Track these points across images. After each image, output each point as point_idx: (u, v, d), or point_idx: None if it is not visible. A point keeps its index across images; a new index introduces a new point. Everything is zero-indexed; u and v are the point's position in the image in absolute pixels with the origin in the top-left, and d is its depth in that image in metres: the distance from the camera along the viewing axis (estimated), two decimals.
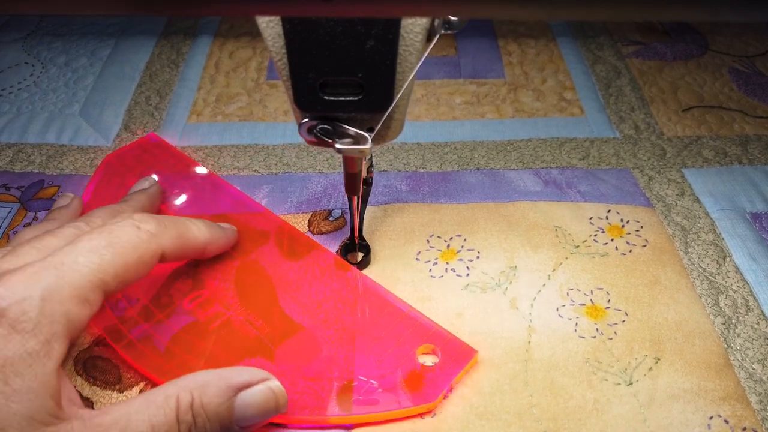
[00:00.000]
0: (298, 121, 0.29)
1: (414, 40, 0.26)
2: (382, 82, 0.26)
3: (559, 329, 0.35)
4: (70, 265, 0.26)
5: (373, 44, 0.25)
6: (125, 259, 0.28)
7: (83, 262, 0.26)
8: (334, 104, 0.27)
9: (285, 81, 0.27)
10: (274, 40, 0.26)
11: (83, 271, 0.26)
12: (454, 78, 0.54)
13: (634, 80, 0.54)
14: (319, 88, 0.26)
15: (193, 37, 0.59)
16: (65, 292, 0.25)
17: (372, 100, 0.27)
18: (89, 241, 0.27)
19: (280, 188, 0.44)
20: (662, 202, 0.42)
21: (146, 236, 0.29)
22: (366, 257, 0.38)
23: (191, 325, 0.35)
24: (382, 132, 0.30)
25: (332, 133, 0.29)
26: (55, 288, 0.25)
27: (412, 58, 0.27)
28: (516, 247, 0.39)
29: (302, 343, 0.34)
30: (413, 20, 0.25)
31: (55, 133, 0.48)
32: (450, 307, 0.36)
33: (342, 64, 0.25)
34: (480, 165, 0.45)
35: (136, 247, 0.29)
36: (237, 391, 0.28)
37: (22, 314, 0.24)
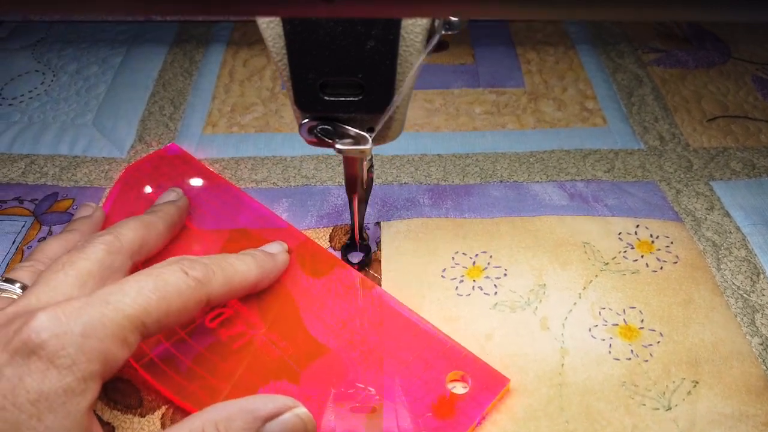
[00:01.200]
0: (298, 122, 0.29)
1: (414, 41, 0.26)
2: (383, 82, 0.26)
3: (592, 351, 0.34)
4: (115, 304, 0.25)
5: (374, 45, 0.25)
6: (169, 304, 0.27)
7: (128, 302, 0.25)
8: (334, 104, 0.27)
9: (285, 81, 0.27)
10: (275, 40, 0.26)
11: (126, 311, 0.25)
12: (473, 87, 0.53)
13: (656, 89, 0.53)
14: (319, 89, 0.26)
15: (205, 45, 0.58)
16: (107, 331, 0.24)
17: (372, 101, 0.27)
18: (136, 282, 0.26)
19: (299, 202, 0.43)
20: (691, 217, 0.41)
21: (193, 283, 0.28)
22: (366, 257, 0.38)
23: (214, 344, 0.34)
24: (382, 132, 0.30)
25: (332, 134, 0.29)
26: (97, 325, 0.24)
27: (413, 59, 0.27)
28: (544, 264, 0.38)
29: (328, 365, 0.33)
30: (413, 21, 0.25)
31: (68, 143, 0.47)
32: (479, 328, 0.35)
33: (342, 65, 0.25)
34: (503, 177, 0.44)
35: (182, 294, 0.28)
36: (264, 421, 0.27)
37: (61, 349, 0.23)
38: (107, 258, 0.30)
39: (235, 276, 0.31)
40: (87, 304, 0.24)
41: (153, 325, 0.26)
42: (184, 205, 0.39)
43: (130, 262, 0.32)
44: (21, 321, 0.24)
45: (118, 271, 0.31)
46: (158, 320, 0.26)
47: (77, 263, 0.29)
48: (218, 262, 0.31)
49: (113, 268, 0.30)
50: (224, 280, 0.30)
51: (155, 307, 0.26)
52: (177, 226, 0.38)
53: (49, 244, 0.34)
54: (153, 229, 0.34)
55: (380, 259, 0.39)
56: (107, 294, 0.26)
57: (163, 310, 0.26)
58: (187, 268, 0.28)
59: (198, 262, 0.30)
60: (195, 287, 0.28)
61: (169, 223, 0.36)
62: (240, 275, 0.32)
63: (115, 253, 0.31)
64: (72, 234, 0.36)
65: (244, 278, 0.32)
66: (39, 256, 0.33)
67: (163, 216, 0.36)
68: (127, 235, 0.32)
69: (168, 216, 0.36)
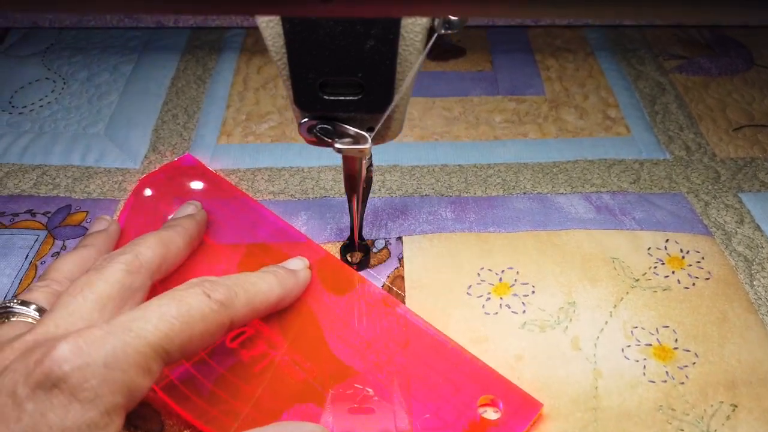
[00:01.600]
0: (297, 121, 0.29)
1: (414, 40, 0.26)
2: (382, 81, 0.26)
3: (626, 373, 0.33)
4: (138, 332, 0.24)
5: (373, 44, 0.24)
6: (192, 329, 0.26)
7: (150, 329, 0.24)
8: (333, 104, 0.27)
9: (285, 81, 0.27)
10: (274, 39, 0.26)
11: (149, 339, 0.24)
12: (492, 94, 0.52)
13: (679, 97, 0.52)
14: (319, 88, 0.26)
15: (218, 52, 0.56)
16: (130, 360, 0.23)
17: (372, 100, 0.27)
18: (158, 307, 0.25)
19: (318, 214, 0.42)
20: (721, 230, 0.40)
21: (216, 307, 0.27)
22: (365, 257, 0.38)
23: (235, 366, 0.33)
24: (381, 132, 0.30)
25: (332, 133, 0.29)
26: (120, 355, 0.23)
27: (412, 58, 0.26)
28: (573, 280, 0.37)
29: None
30: (413, 20, 0.25)
31: (80, 154, 0.46)
32: (508, 348, 0.34)
33: (342, 64, 0.25)
34: (526, 189, 0.43)
35: (205, 318, 0.27)
36: None
37: (84, 381, 0.22)
38: (127, 279, 0.29)
39: (257, 296, 0.30)
40: (109, 333, 0.23)
41: (176, 352, 0.25)
42: (202, 219, 0.38)
43: (149, 281, 0.31)
44: (41, 351, 0.23)
45: (137, 291, 0.30)
46: (181, 346, 0.25)
47: (96, 286, 0.28)
48: (240, 283, 0.30)
49: (133, 289, 0.29)
50: (247, 301, 0.29)
51: (178, 333, 0.25)
52: (196, 241, 0.37)
53: (63, 261, 0.33)
54: (172, 246, 0.33)
55: (403, 276, 0.38)
56: (129, 320, 0.24)
57: (186, 336, 0.25)
58: (209, 290, 0.27)
59: (220, 284, 0.28)
60: (218, 311, 0.27)
61: (188, 238, 0.35)
62: (262, 295, 0.31)
63: (134, 274, 0.30)
64: (87, 250, 0.35)
65: (267, 298, 0.31)
66: (54, 275, 0.32)
67: (182, 231, 0.35)
68: (146, 254, 0.31)
69: (187, 231, 0.35)
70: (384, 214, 0.42)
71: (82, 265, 0.33)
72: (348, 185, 0.33)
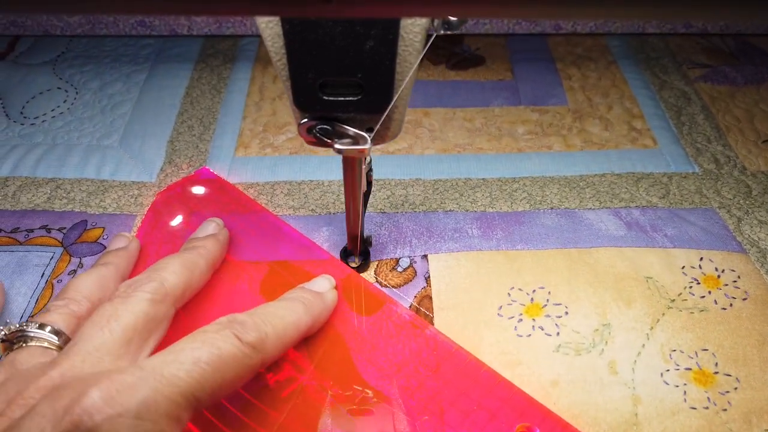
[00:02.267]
0: (297, 121, 0.28)
1: (413, 41, 0.25)
2: (382, 82, 0.26)
3: (667, 399, 0.32)
4: (170, 378, 0.23)
5: (373, 44, 0.24)
6: (224, 375, 0.25)
7: (183, 376, 0.23)
8: (333, 104, 0.26)
9: (284, 81, 0.27)
10: (274, 40, 0.25)
11: (181, 387, 0.23)
12: (514, 105, 0.51)
13: (706, 107, 0.51)
14: (318, 89, 0.26)
15: (232, 60, 0.55)
16: (161, 411, 0.22)
17: (371, 101, 0.26)
18: (192, 351, 0.24)
19: (340, 230, 0.41)
20: (756, 247, 0.39)
21: (248, 350, 0.26)
22: (365, 261, 0.38)
23: (262, 391, 0.32)
24: (381, 132, 0.29)
25: (331, 133, 0.28)
26: (151, 404, 0.22)
27: (412, 59, 0.26)
28: (607, 301, 0.36)
29: (385, 415, 0.31)
30: (413, 20, 0.25)
31: (94, 166, 0.45)
32: (543, 373, 0.33)
33: (341, 65, 0.25)
34: (554, 204, 0.42)
35: (238, 363, 0.26)
36: None
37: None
38: (152, 309, 0.28)
39: (287, 332, 0.29)
40: (141, 379, 0.22)
41: (206, 399, 0.24)
42: (224, 239, 0.37)
43: (173, 309, 0.30)
44: (71, 396, 0.22)
45: (162, 320, 0.29)
46: (212, 393, 0.24)
47: (122, 318, 0.26)
48: (269, 320, 0.29)
49: (158, 319, 0.28)
50: (277, 339, 0.28)
51: (210, 380, 0.24)
52: (218, 263, 0.36)
53: (82, 280, 0.32)
54: (196, 270, 0.32)
55: (431, 296, 0.37)
56: (162, 365, 0.23)
57: (218, 383, 0.24)
58: (240, 333, 0.26)
59: (250, 325, 0.27)
60: (250, 354, 0.26)
61: (211, 261, 0.34)
62: (292, 329, 0.30)
63: (159, 303, 0.29)
64: (107, 268, 0.34)
65: (297, 330, 0.30)
66: (72, 294, 0.31)
67: (206, 254, 0.34)
68: (171, 281, 0.30)
69: (210, 253, 0.34)
70: (408, 231, 0.41)
71: (101, 284, 0.32)
72: (348, 188, 0.33)
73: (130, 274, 0.36)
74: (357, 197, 0.33)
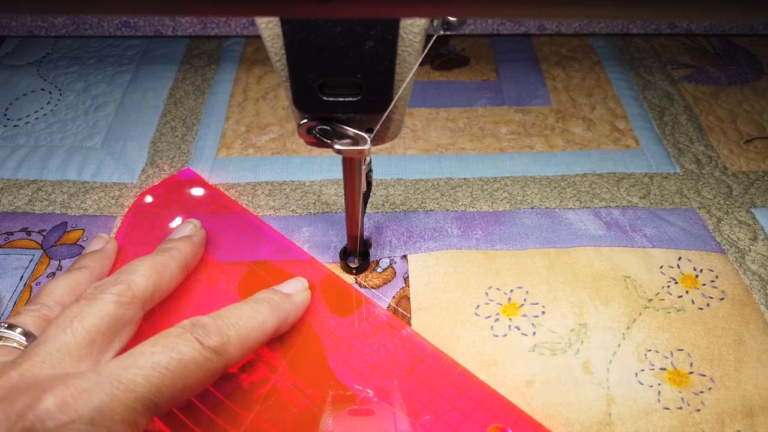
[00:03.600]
0: (296, 122, 0.28)
1: (413, 41, 0.25)
2: (381, 82, 0.26)
3: (640, 399, 0.32)
4: (127, 384, 0.23)
5: (372, 45, 0.24)
6: (184, 381, 0.25)
7: (141, 381, 0.23)
8: (333, 105, 0.26)
9: (284, 82, 0.27)
10: (273, 40, 0.25)
11: (139, 392, 0.23)
12: (497, 105, 0.51)
13: (689, 108, 0.51)
14: (318, 89, 0.26)
15: (217, 61, 0.55)
16: (117, 417, 0.22)
17: (371, 101, 0.26)
18: (151, 355, 0.24)
19: (321, 231, 0.41)
20: (735, 248, 0.39)
21: (210, 355, 0.26)
22: (365, 262, 0.38)
23: (235, 391, 0.32)
24: (381, 133, 0.29)
25: (331, 134, 0.28)
26: (106, 410, 0.22)
27: (411, 59, 0.26)
28: (584, 300, 0.36)
29: (358, 415, 0.31)
30: (412, 21, 0.25)
31: (76, 168, 0.45)
32: (518, 373, 0.33)
33: (341, 65, 0.25)
34: (534, 204, 0.42)
35: (199, 368, 0.26)
36: None
37: None
38: (118, 311, 0.28)
39: (251, 334, 0.29)
40: (97, 385, 0.22)
41: (165, 404, 0.24)
42: (200, 240, 0.37)
43: (141, 312, 0.30)
44: (24, 400, 0.22)
45: (129, 323, 0.29)
46: (172, 398, 0.24)
47: (86, 319, 0.26)
48: (233, 322, 0.29)
49: (124, 322, 0.28)
50: (240, 342, 0.28)
51: (169, 385, 0.24)
52: (192, 264, 0.36)
53: (55, 284, 0.32)
54: (166, 272, 0.32)
55: (409, 296, 0.37)
56: (120, 369, 0.23)
57: (178, 388, 0.24)
58: (202, 337, 0.26)
59: (213, 328, 0.27)
60: (212, 359, 0.26)
61: (184, 262, 0.34)
62: (256, 332, 0.30)
63: (126, 305, 0.29)
64: (81, 272, 0.34)
65: (262, 332, 0.30)
66: (45, 299, 0.31)
67: (177, 255, 0.34)
68: (139, 283, 0.30)
69: (182, 255, 0.34)
70: (388, 231, 0.41)
71: (75, 288, 0.32)
72: (347, 189, 0.33)
73: (106, 275, 0.36)
74: (356, 198, 0.33)
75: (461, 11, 0.17)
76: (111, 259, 0.36)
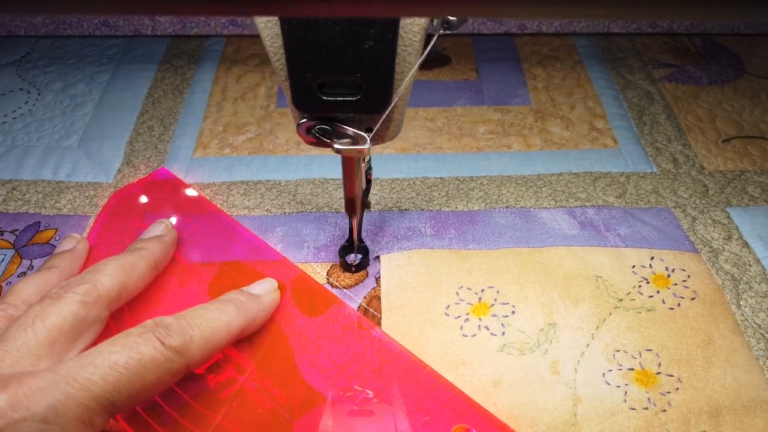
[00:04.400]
0: (296, 121, 0.29)
1: (413, 40, 0.25)
2: (381, 82, 0.26)
3: (607, 399, 0.31)
4: (83, 383, 0.23)
5: (372, 44, 0.24)
6: (143, 380, 0.25)
7: (97, 380, 0.23)
8: (332, 104, 0.27)
9: (283, 81, 0.27)
10: (273, 40, 0.25)
11: (95, 391, 0.23)
12: (477, 105, 0.51)
13: (668, 107, 0.51)
14: (317, 89, 0.26)
15: (197, 61, 0.55)
16: (70, 415, 0.22)
17: (370, 101, 0.26)
18: (109, 355, 0.24)
19: (294, 230, 0.41)
20: (708, 247, 0.39)
21: (171, 354, 0.26)
22: (364, 259, 0.38)
23: (201, 392, 0.32)
24: (380, 132, 0.29)
25: (330, 134, 0.28)
26: (60, 408, 0.22)
27: (411, 58, 0.26)
28: (554, 300, 0.36)
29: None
30: (412, 20, 0.25)
31: (51, 168, 0.45)
32: (486, 373, 0.33)
33: (340, 65, 0.25)
34: (509, 203, 0.42)
35: (159, 367, 0.25)
36: None
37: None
38: (81, 311, 0.28)
39: (215, 334, 0.29)
40: (52, 383, 0.22)
41: (123, 404, 0.24)
42: (170, 240, 0.36)
43: (107, 312, 0.30)
44: None
45: (94, 323, 0.29)
46: (130, 398, 0.24)
47: (48, 318, 0.26)
48: (196, 323, 0.28)
49: (88, 322, 0.28)
50: (203, 343, 0.28)
51: (127, 385, 0.24)
52: (162, 264, 0.36)
53: (24, 284, 0.32)
54: (134, 272, 0.32)
55: (380, 296, 0.36)
56: (77, 368, 0.23)
57: (136, 387, 0.24)
58: (163, 336, 0.26)
59: (175, 328, 0.27)
60: (173, 358, 0.26)
61: (153, 262, 0.34)
62: (221, 330, 0.30)
63: (91, 305, 0.28)
64: (50, 272, 0.33)
65: (227, 332, 0.30)
66: (12, 299, 0.31)
67: (147, 255, 0.34)
68: (105, 283, 0.30)
69: (151, 255, 0.34)
70: (363, 231, 0.40)
71: (44, 288, 0.32)
72: (347, 187, 0.33)
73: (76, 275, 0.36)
74: (356, 196, 0.33)
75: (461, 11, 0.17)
76: (81, 259, 0.36)
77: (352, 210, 0.35)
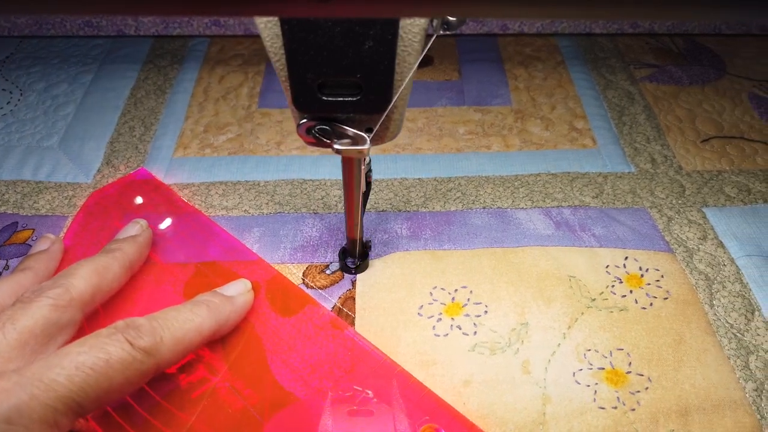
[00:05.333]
0: (296, 121, 0.29)
1: (413, 41, 0.25)
2: (381, 82, 0.26)
3: (576, 398, 0.32)
4: (49, 384, 0.23)
5: (372, 45, 0.24)
6: (111, 381, 0.25)
7: (63, 381, 0.23)
8: (332, 105, 0.26)
9: (283, 82, 0.27)
10: (273, 40, 0.25)
11: (60, 392, 0.23)
12: (458, 105, 0.51)
13: (648, 107, 0.51)
14: (317, 89, 0.26)
15: (181, 61, 0.55)
16: (35, 416, 0.22)
17: (370, 101, 0.26)
18: (77, 356, 0.24)
19: (272, 231, 0.41)
20: (683, 247, 0.39)
21: (140, 355, 0.26)
22: (364, 261, 0.38)
23: (172, 392, 0.32)
24: (380, 132, 0.29)
25: (330, 134, 0.28)
26: (24, 409, 0.22)
27: (411, 59, 0.26)
28: (527, 300, 0.36)
29: (295, 416, 0.31)
30: (412, 20, 0.25)
31: (31, 168, 0.45)
32: (456, 373, 0.33)
33: (340, 65, 0.25)
34: (486, 203, 0.42)
35: (127, 368, 0.26)
36: None
37: None
38: (53, 315, 0.28)
39: (186, 336, 0.29)
40: (17, 384, 0.22)
41: (91, 405, 0.24)
42: (145, 240, 0.36)
43: (80, 315, 0.30)
44: None
45: (66, 326, 0.29)
46: (97, 399, 0.24)
47: (19, 321, 0.26)
48: (167, 324, 0.29)
49: (60, 325, 0.28)
50: (174, 344, 0.28)
51: (93, 386, 0.24)
52: (137, 265, 0.36)
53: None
54: (108, 273, 0.32)
55: (355, 297, 0.37)
56: (43, 369, 0.23)
57: (104, 388, 0.24)
58: (132, 337, 0.26)
59: (146, 329, 0.27)
60: (142, 359, 0.26)
61: (127, 263, 0.34)
62: (192, 332, 0.30)
63: (63, 308, 0.29)
64: (24, 274, 0.34)
65: (198, 334, 0.30)
66: None
67: (120, 256, 0.34)
68: (78, 286, 0.30)
69: (125, 256, 0.34)
70: (339, 233, 0.41)
71: (18, 291, 0.32)
72: (347, 189, 0.33)
73: (51, 276, 0.36)
74: (355, 198, 0.33)
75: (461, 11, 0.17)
76: (56, 260, 0.36)
77: (353, 212, 0.35)
